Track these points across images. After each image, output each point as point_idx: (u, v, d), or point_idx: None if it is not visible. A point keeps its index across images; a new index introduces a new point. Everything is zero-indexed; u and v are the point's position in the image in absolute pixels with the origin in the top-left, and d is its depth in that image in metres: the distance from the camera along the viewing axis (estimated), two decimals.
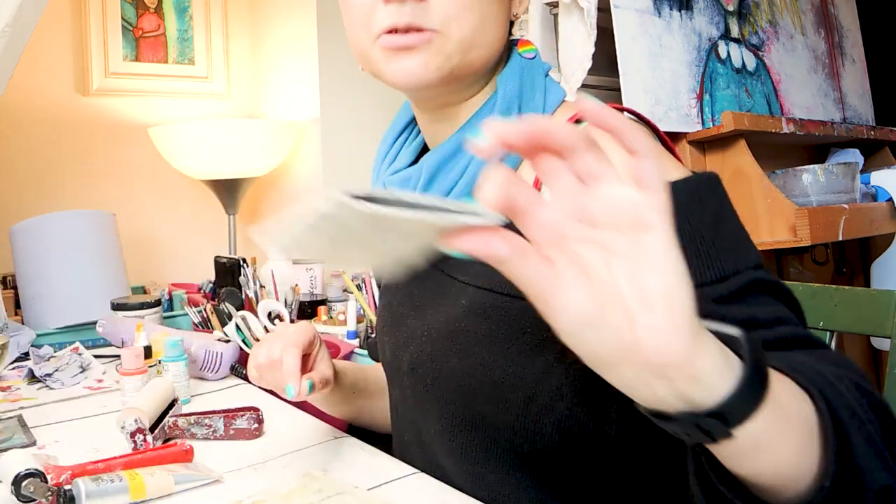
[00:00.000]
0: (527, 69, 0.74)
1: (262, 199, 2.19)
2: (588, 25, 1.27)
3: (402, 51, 0.68)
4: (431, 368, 0.74)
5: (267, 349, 0.75)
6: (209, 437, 0.84)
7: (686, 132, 1.34)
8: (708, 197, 0.62)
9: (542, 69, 0.76)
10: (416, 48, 0.67)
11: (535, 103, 0.73)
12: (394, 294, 0.84)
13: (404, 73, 0.68)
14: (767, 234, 1.29)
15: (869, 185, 1.55)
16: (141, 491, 0.67)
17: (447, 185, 0.71)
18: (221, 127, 1.89)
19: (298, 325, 0.80)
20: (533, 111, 0.72)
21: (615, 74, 1.27)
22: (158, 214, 2.05)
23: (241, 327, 1.24)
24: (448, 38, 0.67)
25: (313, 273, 1.70)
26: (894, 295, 0.91)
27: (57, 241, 1.45)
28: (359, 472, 0.75)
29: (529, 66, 0.75)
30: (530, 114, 0.73)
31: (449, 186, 0.71)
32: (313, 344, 0.79)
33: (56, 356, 1.22)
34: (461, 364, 0.71)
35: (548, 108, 0.73)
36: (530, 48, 0.75)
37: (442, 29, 0.67)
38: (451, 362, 0.72)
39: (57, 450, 0.83)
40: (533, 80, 0.74)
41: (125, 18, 1.95)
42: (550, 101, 0.74)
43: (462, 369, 0.71)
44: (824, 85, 1.78)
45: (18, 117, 1.81)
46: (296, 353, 0.74)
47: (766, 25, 1.62)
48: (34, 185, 1.84)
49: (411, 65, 0.68)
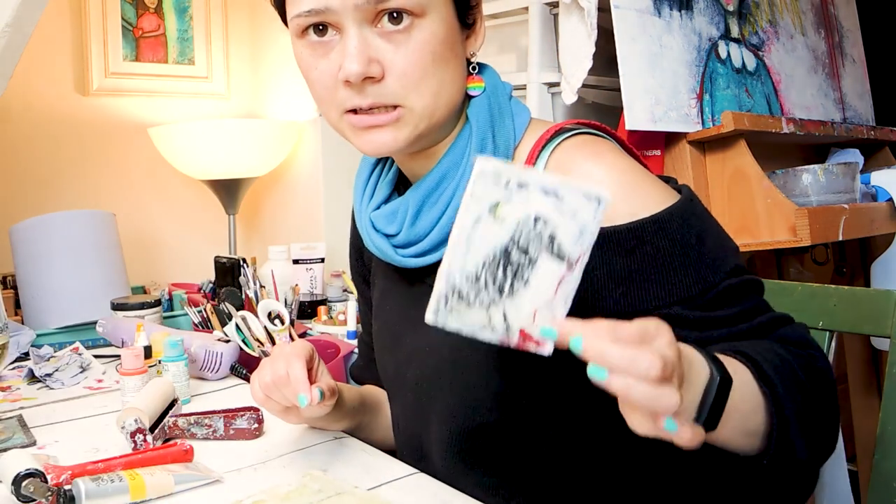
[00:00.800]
0: (493, 96, 0.77)
1: (262, 199, 2.19)
2: (588, 25, 1.27)
3: (371, 129, 0.71)
4: (436, 382, 0.76)
5: (271, 368, 0.76)
6: (209, 437, 0.84)
7: (686, 132, 1.34)
8: (691, 220, 0.68)
9: (506, 92, 0.79)
10: (384, 126, 0.70)
11: (506, 129, 0.76)
12: (388, 315, 0.86)
13: (374, 147, 0.72)
14: (767, 234, 1.29)
15: (869, 185, 1.55)
16: (141, 491, 0.67)
17: (433, 217, 0.74)
18: (221, 127, 1.89)
19: (296, 343, 0.81)
20: (505, 137, 0.75)
21: (615, 74, 1.27)
22: (158, 214, 2.05)
23: (241, 327, 1.24)
24: (412, 110, 0.70)
25: (313, 273, 1.70)
26: (894, 295, 0.91)
27: (57, 241, 1.45)
28: (359, 472, 0.75)
29: (494, 93, 0.77)
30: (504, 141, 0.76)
31: (435, 218, 0.74)
32: (313, 359, 0.80)
33: (56, 356, 1.22)
34: (464, 376, 0.73)
35: (517, 132, 0.76)
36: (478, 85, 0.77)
37: (404, 103, 0.70)
38: (454, 375, 0.74)
39: (57, 450, 0.83)
40: (500, 106, 0.77)
41: (125, 18, 1.95)
42: (519, 125, 0.77)
43: (464, 381, 0.73)
44: (824, 85, 1.78)
45: (18, 117, 1.81)
46: (300, 364, 0.75)
47: (766, 25, 1.62)
48: (34, 185, 1.84)
49: (381, 139, 0.71)
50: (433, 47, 0.69)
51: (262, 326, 1.25)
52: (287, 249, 1.72)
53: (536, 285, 0.50)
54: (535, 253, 0.50)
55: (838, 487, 1.16)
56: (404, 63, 0.68)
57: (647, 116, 1.26)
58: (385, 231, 0.78)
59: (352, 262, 0.99)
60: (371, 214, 0.80)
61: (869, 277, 1.67)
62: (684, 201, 0.69)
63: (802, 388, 0.62)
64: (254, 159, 1.92)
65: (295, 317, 1.40)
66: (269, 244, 1.80)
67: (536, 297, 0.51)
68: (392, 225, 0.77)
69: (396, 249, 0.77)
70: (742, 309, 0.67)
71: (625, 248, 0.67)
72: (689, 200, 0.70)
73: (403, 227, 0.76)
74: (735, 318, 0.67)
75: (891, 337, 0.90)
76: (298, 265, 1.70)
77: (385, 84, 0.69)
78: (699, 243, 0.68)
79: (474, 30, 0.76)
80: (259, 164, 1.94)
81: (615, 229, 0.67)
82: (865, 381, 1.79)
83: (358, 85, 0.68)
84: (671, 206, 0.68)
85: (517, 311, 0.51)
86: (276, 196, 2.15)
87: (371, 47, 0.68)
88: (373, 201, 0.82)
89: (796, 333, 0.68)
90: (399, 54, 0.68)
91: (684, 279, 0.67)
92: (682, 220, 0.68)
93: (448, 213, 0.73)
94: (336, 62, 0.69)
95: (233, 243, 2.02)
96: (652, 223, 0.67)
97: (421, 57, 0.68)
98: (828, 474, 1.17)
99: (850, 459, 1.62)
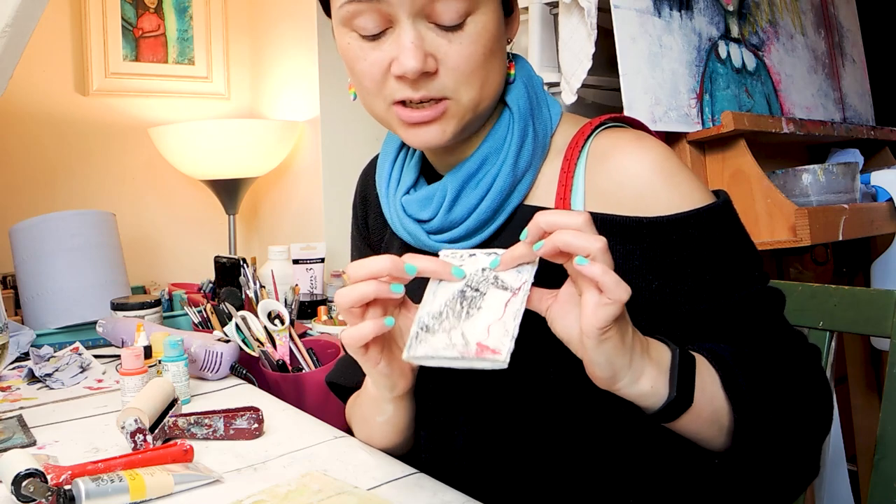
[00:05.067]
0: (530, 85, 0.77)
1: (262, 199, 2.19)
2: (588, 25, 1.27)
3: (419, 125, 0.71)
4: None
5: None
6: (209, 437, 0.84)
7: (686, 132, 1.34)
8: (731, 220, 0.71)
9: (540, 83, 0.80)
10: (432, 122, 0.70)
11: (544, 117, 0.78)
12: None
13: (423, 141, 0.72)
14: (767, 234, 1.29)
15: (869, 185, 1.55)
16: (141, 491, 0.67)
17: (471, 202, 0.74)
18: (221, 127, 1.89)
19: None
20: (543, 125, 0.77)
21: (615, 74, 1.27)
22: (158, 214, 2.05)
23: (241, 327, 1.23)
24: (459, 102, 0.70)
25: (313, 273, 1.70)
26: (894, 295, 0.91)
27: (57, 241, 1.45)
28: (359, 472, 0.75)
29: (531, 82, 0.78)
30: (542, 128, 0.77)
31: (473, 203, 0.74)
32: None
33: (56, 356, 1.22)
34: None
35: (553, 120, 0.77)
36: (511, 73, 0.77)
37: (453, 96, 0.70)
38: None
39: (57, 450, 0.83)
40: (538, 95, 0.78)
41: (125, 18, 1.95)
42: (554, 114, 0.78)
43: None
44: (824, 85, 1.78)
45: (18, 117, 1.81)
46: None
47: (766, 25, 1.62)
48: (34, 185, 1.84)
49: (429, 134, 0.71)
50: (485, 41, 0.69)
51: (262, 326, 1.25)
52: (287, 249, 1.72)
53: (488, 308, 0.60)
54: (484, 289, 0.61)
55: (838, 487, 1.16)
56: (458, 58, 0.68)
57: (647, 116, 1.26)
58: (417, 216, 0.77)
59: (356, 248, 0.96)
60: (402, 199, 0.80)
61: (869, 277, 1.67)
62: (726, 201, 0.71)
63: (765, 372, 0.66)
64: (254, 159, 1.92)
65: (295, 317, 1.40)
66: (269, 244, 1.80)
67: (489, 316, 0.60)
68: (425, 210, 0.76)
69: (430, 235, 0.77)
70: (763, 319, 0.69)
71: (666, 239, 0.68)
72: (728, 202, 0.71)
73: (439, 212, 0.75)
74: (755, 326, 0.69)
75: (891, 337, 0.90)
76: (298, 265, 1.70)
77: (438, 78, 0.68)
78: (736, 244, 0.70)
79: (513, 16, 0.76)
80: (259, 164, 1.94)
81: (657, 220, 0.68)
82: (865, 381, 1.79)
83: (412, 79, 0.68)
84: (713, 203, 0.69)
85: (473, 328, 0.59)
86: (275, 196, 2.15)
87: (426, 41, 0.67)
88: (401, 186, 0.81)
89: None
90: (453, 49, 0.67)
91: (718, 278, 0.68)
92: (723, 218, 0.70)
93: (488, 197, 0.73)
94: (388, 54, 0.68)
95: (233, 243, 2.02)
96: (695, 217, 0.68)
97: (474, 51, 0.68)
98: (828, 474, 1.16)
99: (850, 459, 1.61)
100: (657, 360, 0.62)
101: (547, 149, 0.77)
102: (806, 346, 0.72)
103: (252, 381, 1.16)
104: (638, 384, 0.61)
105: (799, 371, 0.69)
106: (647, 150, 0.70)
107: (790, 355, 0.70)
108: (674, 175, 0.70)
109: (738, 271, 0.70)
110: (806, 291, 1.00)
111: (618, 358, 0.59)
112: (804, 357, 0.71)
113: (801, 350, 0.71)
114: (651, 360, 0.61)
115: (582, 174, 0.73)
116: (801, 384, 0.69)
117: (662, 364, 0.62)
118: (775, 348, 0.69)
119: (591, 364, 0.59)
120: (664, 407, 0.62)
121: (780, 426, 0.66)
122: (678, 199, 0.69)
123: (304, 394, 1.14)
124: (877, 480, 0.88)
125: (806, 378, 0.69)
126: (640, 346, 0.61)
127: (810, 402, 0.69)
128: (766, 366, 0.67)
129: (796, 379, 0.68)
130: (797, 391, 0.68)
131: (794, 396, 0.68)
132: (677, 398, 0.61)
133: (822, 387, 0.70)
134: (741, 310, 0.69)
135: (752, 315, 0.69)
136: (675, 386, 0.61)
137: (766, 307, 0.70)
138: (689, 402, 0.62)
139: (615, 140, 0.73)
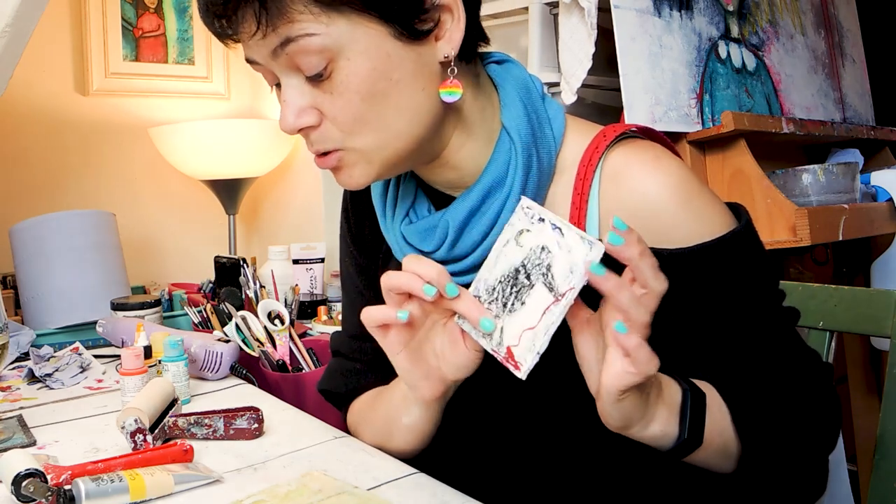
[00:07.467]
0: (527, 101, 0.71)
1: (262, 199, 2.19)
2: (588, 25, 1.27)
3: (333, 170, 0.69)
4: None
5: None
6: (209, 437, 0.84)
7: (686, 132, 1.34)
8: (752, 245, 0.69)
9: (538, 92, 0.73)
10: (339, 168, 0.69)
11: (547, 140, 0.71)
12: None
13: (342, 184, 0.70)
14: (767, 234, 1.29)
15: (869, 185, 1.55)
16: (141, 491, 0.67)
17: (475, 237, 0.71)
18: (221, 127, 1.89)
19: None
20: (547, 150, 0.71)
21: (615, 74, 1.27)
22: (158, 214, 2.05)
23: (241, 327, 1.24)
24: (354, 150, 0.67)
25: (313, 273, 1.70)
26: (894, 295, 0.91)
27: (57, 241, 1.45)
28: (359, 472, 0.75)
29: (529, 97, 0.72)
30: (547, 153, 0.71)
31: (477, 239, 0.71)
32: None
33: (56, 356, 1.22)
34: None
35: (557, 139, 0.72)
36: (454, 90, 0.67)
37: (343, 145, 0.67)
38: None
39: (57, 450, 0.83)
40: (538, 114, 0.72)
41: (125, 18, 1.95)
42: (557, 130, 0.72)
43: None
44: (824, 85, 1.78)
45: (18, 117, 1.81)
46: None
47: (766, 25, 1.62)
48: (34, 186, 1.84)
49: (343, 179, 0.69)
50: (357, 86, 0.63)
51: (262, 326, 1.25)
52: (287, 249, 1.72)
53: (529, 308, 0.58)
54: (534, 279, 0.58)
55: (838, 487, 1.16)
56: (333, 109, 0.65)
57: (647, 116, 1.26)
58: (419, 247, 0.74)
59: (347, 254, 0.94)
60: (402, 228, 0.76)
61: (869, 277, 1.67)
62: (748, 222, 0.69)
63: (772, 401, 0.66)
64: (254, 159, 1.92)
65: (295, 317, 1.40)
66: (268, 244, 1.80)
67: (526, 321, 0.58)
68: (427, 242, 0.73)
69: None
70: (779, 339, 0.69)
71: (689, 270, 0.65)
72: (749, 222, 0.69)
73: (443, 246, 0.72)
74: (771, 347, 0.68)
75: (891, 337, 0.90)
76: (298, 265, 1.70)
77: (323, 130, 0.66)
78: (758, 266, 0.68)
79: (438, 33, 0.66)
80: (259, 164, 1.94)
81: (679, 252, 0.66)
82: (865, 381, 1.79)
83: (303, 133, 0.67)
84: (736, 229, 0.67)
85: (510, 328, 0.58)
86: (275, 196, 2.15)
87: (309, 96, 0.65)
88: (397, 212, 0.77)
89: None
90: (328, 100, 0.64)
91: (739, 303, 0.67)
92: (746, 242, 0.68)
93: (493, 231, 0.69)
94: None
95: (233, 243, 2.02)
96: (719, 245, 0.66)
97: (349, 99, 0.63)
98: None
99: (850, 459, 1.61)
100: (669, 402, 0.61)
101: (553, 170, 0.72)
102: (819, 365, 0.70)
103: (252, 381, 1.16)
104: (649, 429, 0.60)
105: (810, 395, 0.68)
106: (666, 173, 0.67)
107: (802, 378, 0.69)
108: (693, 199, 0.67)
109: (759, 294, 0.68)
110: (806, 291, 1.00)
111: (633, 413, 0.58)
112: (816, 378, 0.69)
113: (813, 371, 0.70)
114: (664, 403, 0.60)
115: (596, 196, 0.69)
116: (810, 409, 0.68)
117: (674, 405, 0.61)
118: (788, 370, 0.68)
119: (605, 413, 0.59)
120: (674, 448, 0.61)
121: (788, 453, 0.67)
122: (699, 228, 0.66)
123: (304, 394, 1.14)
124: (877, 480, 0.88)
125: (816, 402, 0.69)
126: (655, 392, 0.60)
127: (818, 426, 0.68)
128: (777, 393, 0.67)
129: (807, 404, 0.68)
130: (807, 417, 0.68)
131: (804, 423, 0.67)
132: (688, 440, 0.61)
133: (832, 411, 0.69)
134: (759, 333, 0.68)
135: (769, 337, 0.68)
136: (686, 429, 0.60)
137: (782, 328, 0.69)
138: (698, 442, 0.62)
139: (629, 158, 0.69)
